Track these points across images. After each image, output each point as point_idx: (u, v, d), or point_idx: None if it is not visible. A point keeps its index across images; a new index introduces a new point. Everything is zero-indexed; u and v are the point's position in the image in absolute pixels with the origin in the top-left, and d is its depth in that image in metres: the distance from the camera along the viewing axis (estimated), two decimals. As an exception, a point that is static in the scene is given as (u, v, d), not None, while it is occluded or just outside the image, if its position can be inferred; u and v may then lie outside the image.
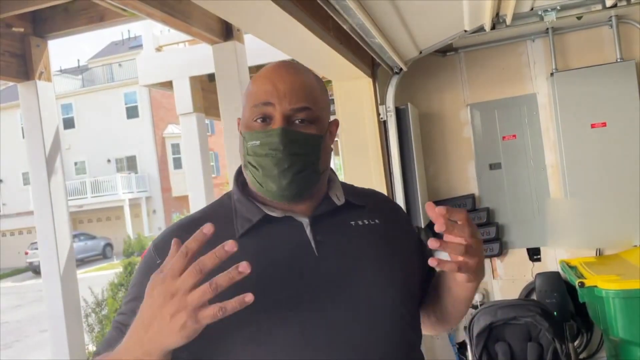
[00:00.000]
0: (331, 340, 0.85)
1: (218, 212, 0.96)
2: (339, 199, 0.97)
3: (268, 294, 0.85)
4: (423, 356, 0.97)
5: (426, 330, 1.09)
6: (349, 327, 0.86)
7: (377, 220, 0.98)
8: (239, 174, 1.00)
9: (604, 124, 2.90)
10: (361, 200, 1.00)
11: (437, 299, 1.04)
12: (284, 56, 4.11)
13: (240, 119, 0.97)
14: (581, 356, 2.96)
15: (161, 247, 0.91)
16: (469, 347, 2.57)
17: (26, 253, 19.95)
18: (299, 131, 0.90)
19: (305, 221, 0.92)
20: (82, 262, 20.22)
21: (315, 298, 0.86)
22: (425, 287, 1.06)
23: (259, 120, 0.90)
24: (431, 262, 0.80)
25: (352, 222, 0.95)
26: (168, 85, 4.98)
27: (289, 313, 0.85)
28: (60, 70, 26.73)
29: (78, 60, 30.79)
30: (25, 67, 3.77)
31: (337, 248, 0.91)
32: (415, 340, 0.95)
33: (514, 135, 3.20)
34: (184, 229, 0.94)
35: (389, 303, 0.90)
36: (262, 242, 0.90)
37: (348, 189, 1.02)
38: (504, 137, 3.21)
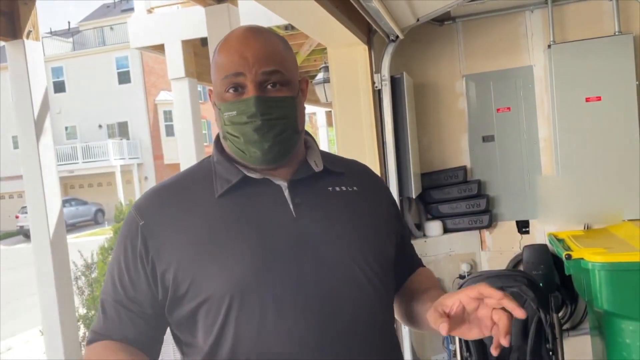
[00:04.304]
0: (301, 298, 0.87)
1: (198, 174, 0.98)
2: (317, 166, 0.98)
3: (244, 253, 0.88)
4: (394, 317, 1.01)
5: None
6: (319, 286, 0.88)
7: (355, 188, 1.00)
8: (219, 138, 1.02)
9: (599, 99, 2.88)
10: (340, 167, 1.02)
11: (409, 309, 1.04)
12: (278, 20, 4.03)
13: (211, 90, 0.98)
14: (565, 327, 3.01)
15: (144, 209, 0.94)
16: (455, 316, 2.60)
17: (17, 217, 19.91)
18: (273, 96, 0.91)
19: (283, 184, 0.95)
20: (74, 227, 20.23)
21: (289, 258, 0.89)
22: (399, 258, 1.06)
23: (231, 91, 0.92)
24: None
25: (330, 188, 0.98)
26: (160, 49, 4.88)
27: (262, 272, 0.87)
28: (50, 33, 26.14)
29: (69, 23, 29.99)
30: (12, 26, 3.66)
31: (315, 211, 0.93)
32: (387, 299, 0.98)
33: (509, 108, 3.18)
34: (167, 190, 0.97)
35: (362, 264, 0.92)
36: (240, 201, 0.93)
37: (327, 156, 1.04)
38: (498, 110, 3.19)
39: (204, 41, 4.63)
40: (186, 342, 0.94)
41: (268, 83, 0.91)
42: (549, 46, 2.98)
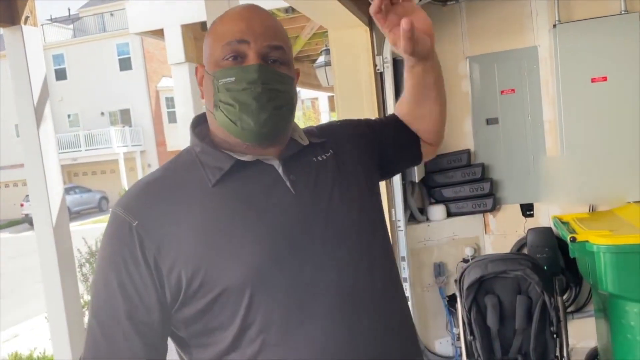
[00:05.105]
0: (318, 271, 0.87)
1: (181, 166, 0.93)
2: (302, 140, 0.98)
3: (256, 238, 0.85)
4: (396, 264, 1.04)
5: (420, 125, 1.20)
6: (333, 255, 0.89)
7: (331, 151, 1.00)
8: (195, 126, 0.98)
9: (605, 79, 2.83)
10: (316, 137, 1.02)
11: (408, 104, 1.17)
12: (278, 3, 3.97)
13: (200, 66, 0.95)
14: (569, 309, 3.00)
15: (134, 208, 0.86)
16: (458, 299, 2.60)
17: (21, 205, 19.98)
18: (275, 69, 0.89)
19: (276, 163, 0.92)
20: (78, 215, 20.32)
21: (300, 235, 0.87)
22: (395, 146, 1.16)
23: (230, 59, 0.88)
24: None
25: (315, 159, 0.98)
26: (159, 33, 4.82)
27: (279, 254, 0.85)
28: (51, 19, 26.00)
29: (69, 9, 29.89)
30: (10, 11, 3.62)
31: (309, 184, 0.93)
32: (389, 250, 1.02)
33: (513, 90, 3.13)
34: (153, 186, 0.90)
35: (363, 223, 0.96)
36: (236, 187, 0.89)
37: (307, 130, 1.04)
38: (502, 92, 3.15)
39: (204, 25, 4.58)
40: (197, 343, 0.87)
41: (270, 58, 0.89)
42: (554, 26, 2.93)
